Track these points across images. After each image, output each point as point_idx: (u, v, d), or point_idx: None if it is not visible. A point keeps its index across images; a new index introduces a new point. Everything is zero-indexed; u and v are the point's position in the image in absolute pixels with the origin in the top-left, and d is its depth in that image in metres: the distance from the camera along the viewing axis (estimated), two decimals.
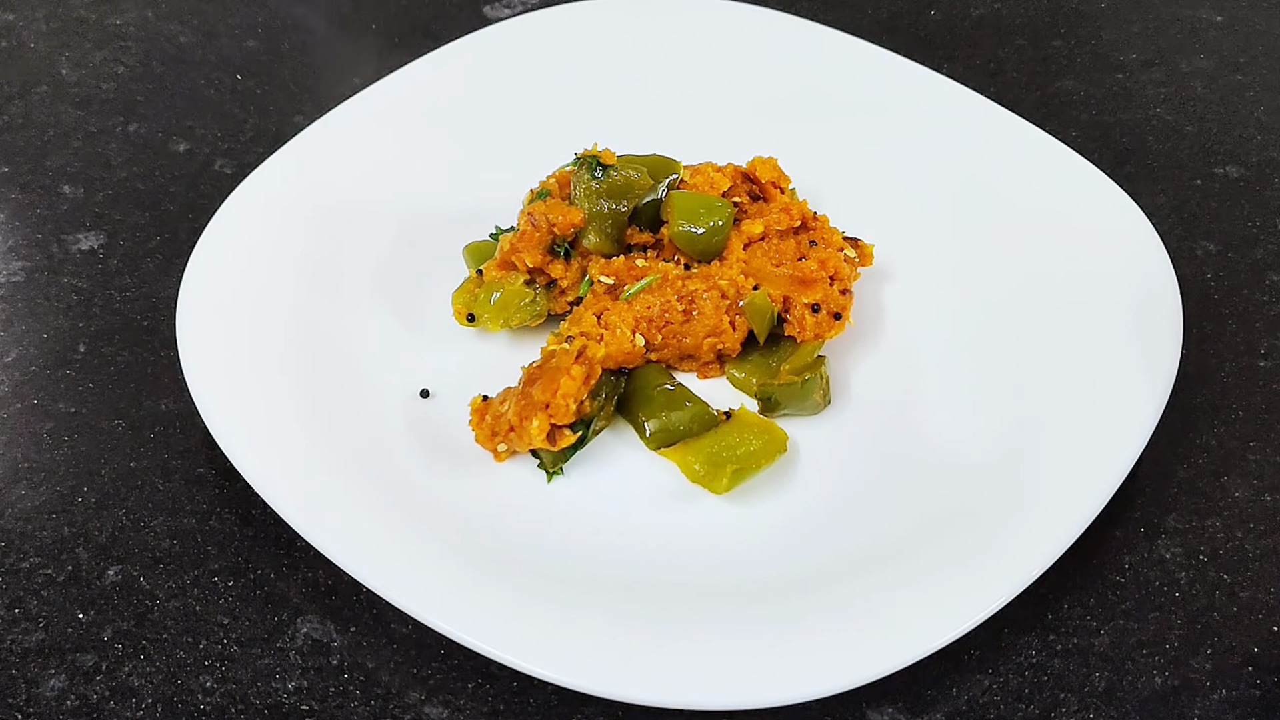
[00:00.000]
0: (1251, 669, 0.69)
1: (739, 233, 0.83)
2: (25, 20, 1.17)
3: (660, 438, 0.77)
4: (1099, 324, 0.80)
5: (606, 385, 0.78)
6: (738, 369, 0.82)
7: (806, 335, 0.80)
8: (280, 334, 0.81)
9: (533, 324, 0.84)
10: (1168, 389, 0.75)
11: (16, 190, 0.99)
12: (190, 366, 0.77)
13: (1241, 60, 1.12)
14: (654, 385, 0.79)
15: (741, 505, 0.74)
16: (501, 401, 0.77)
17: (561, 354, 0.75)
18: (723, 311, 0.80)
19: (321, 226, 0.89)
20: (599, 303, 0.81)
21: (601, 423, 0.77)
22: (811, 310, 0.80)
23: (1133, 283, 0.82)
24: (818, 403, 0.78)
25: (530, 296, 0.83)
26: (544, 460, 0.76)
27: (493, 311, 0.82)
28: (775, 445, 0.75)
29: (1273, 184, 0.99)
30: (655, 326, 0.80)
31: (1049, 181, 0.91)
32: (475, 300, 0.83)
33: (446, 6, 1.19)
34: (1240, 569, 0.73)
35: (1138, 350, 0.78)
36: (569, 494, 0.75)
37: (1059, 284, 0.84)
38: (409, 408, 0.79)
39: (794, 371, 0.79)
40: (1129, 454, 0.72)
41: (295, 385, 0.78)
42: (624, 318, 0.79)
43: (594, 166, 0.83)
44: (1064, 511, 0.70)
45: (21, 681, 0.68)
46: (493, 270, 0.83)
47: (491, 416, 0.76)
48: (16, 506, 0.77)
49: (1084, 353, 0.79)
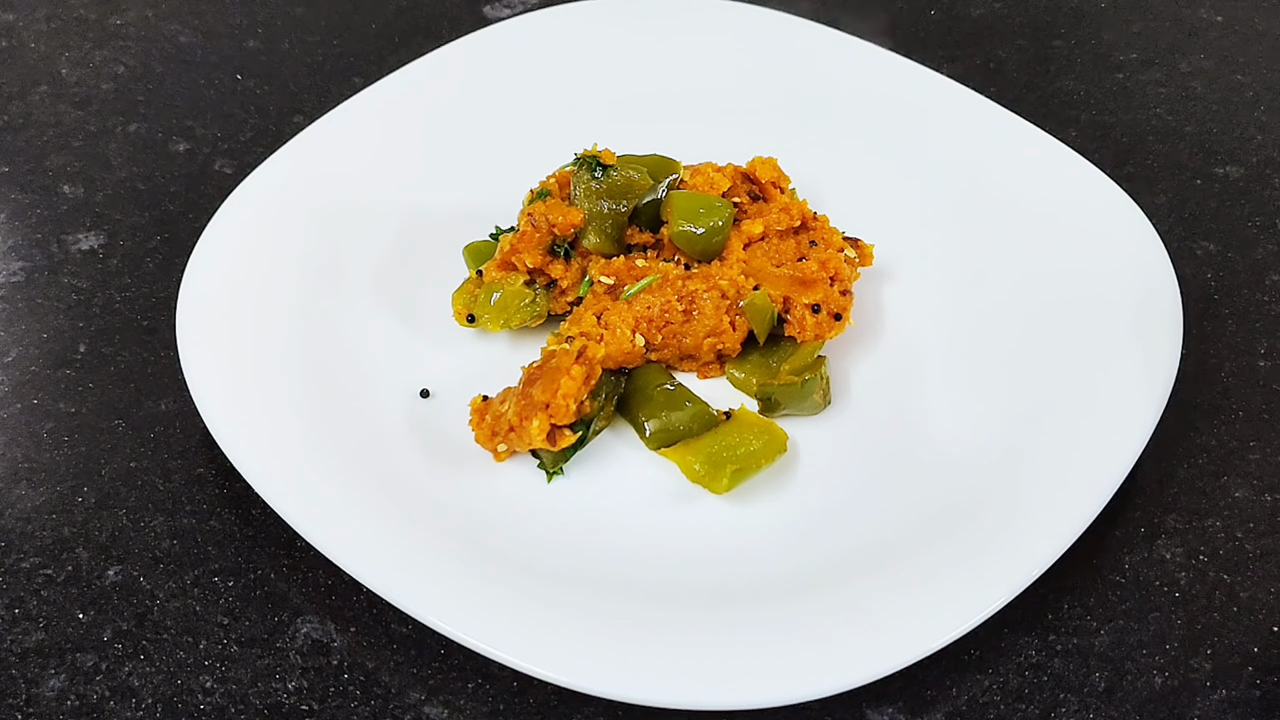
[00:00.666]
0: (1251, 669, 0.69)
1: (739, 233, 0.83)
2: (25, 20, 1.17)
3: (660, 438, 0.77)
4: (1099, 324, 0.80)
5: (606, 385, 0.78)
6: (738, 369, 0.81)
7: (807, 336, 0.80)
8: (280, 333, 0.81)
9: (533, 324, 0.84)
10: (1168, 389, 0.75)
11: (16, 190, 0.99)
12: (190, 366, 0.77)
13: (1241, 60, 1.12)
14: (654, 385, 0.79)
15: (741, 505, 0.74)
16: (501, 401, 0.77)
17: (561, 354, 0.75)
18: (723, 312, 0.80)
19: (322, 226, 0.89)
20: (599, 303, 0.81)
21: (601, 423, 0.77)
22: (812, 311, 0.80)
23: (1133, 283, 0.82)
24: (818, 403, 0.78)
25: (530, 297, 0.83)
26: (544, 460, 0.76)
27: (493, 312, 0.82)
28: (775, 445, 0.75)
29: (1273, 184, 0.99)
30: (655, 326, 0.80)
31: (1049, 182, 0.91)
32: (475, 301, 0.83)
33: (446, 6, 1.19)
34: (1240, 569, 0.73)
35: (1138, 350, 0.78)
36: (569, 494, 0.75)
37: (1059, 284, 0.84)
38: (409, 408, 0.79)
39: (794, 372, 0.79)
40: (1129, 454, 0.72)
41: (295, 385, 0.78)
42: (624, 318, 0.79)
43: (594, 167, 0.83)
44: (1064, 511, 0.70)
45: (21, 681, 0.68)
46: (493, 271, 0.83)
47: (491, 416, 0.76)
48: (16, 506, 0.77)
49: (1084, 353, 0.79)
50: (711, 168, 0.86)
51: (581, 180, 0.83)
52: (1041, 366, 0.79)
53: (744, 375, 0.81)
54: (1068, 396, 0.77)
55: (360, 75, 1.10)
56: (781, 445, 0.75)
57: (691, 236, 0.81)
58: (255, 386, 0.77)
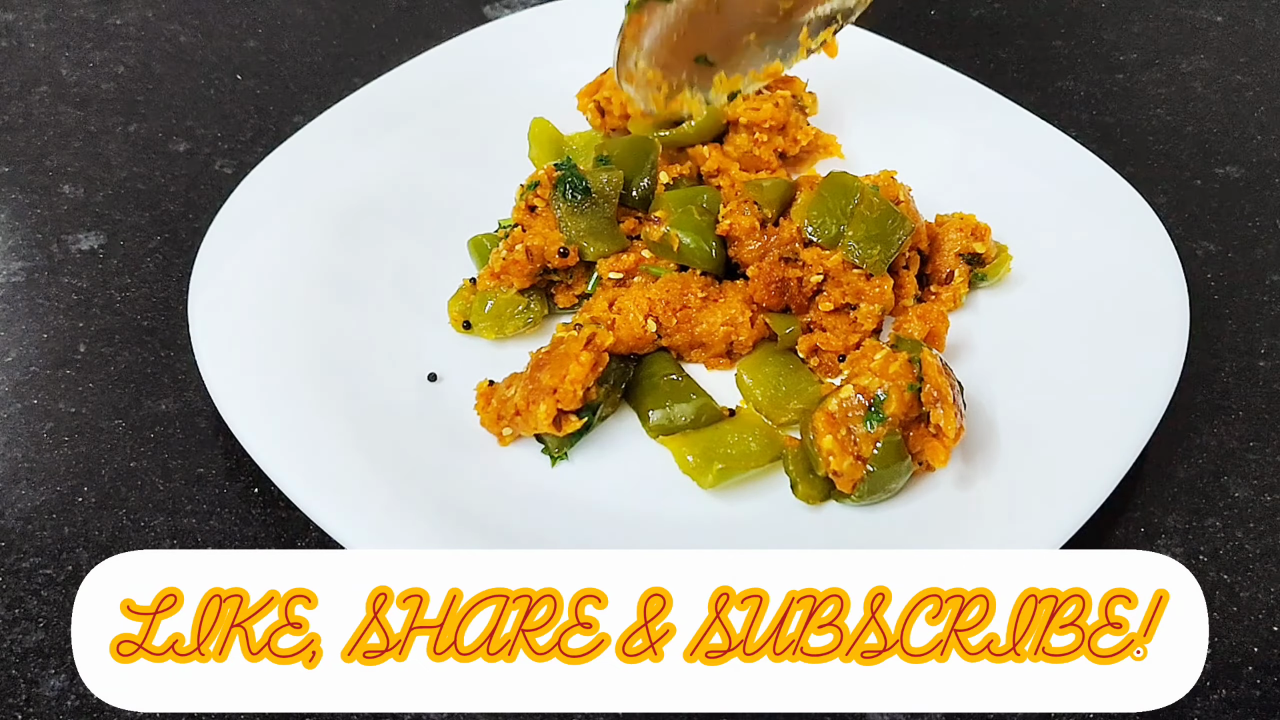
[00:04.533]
0: (1251, 669, 0.69)
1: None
2: (25, 20, 1.17)
3: (660, 428, 0.77)
4: (1102, 321, 0.80)
5: (615, 372, 0.77)
6: (748, 373, 0.80)
7: (833, 345, 0.80)
8: (290, 322, 0.81)
9: (528, 331, 0.84)
10: (1171, 388, 0.75)
11: (16, 190, 0.99)
12: (205, 360, 0.77)
13: (1241, 60, 1.12)
14: (661, 375, 0.79)
15: (730, 502, 0.74)
16: (508, 386, 0.77)
17: (570, 340, 0.75)
18: (745, 304, 0.80)
19: (328, 218, 0.89)
20: (609, 293, 0.81)
21: (608, 409, 0.77)
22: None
23: (1138, 280, 0.82)
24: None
25: (524, 304, 0.83)
26: (549, 445, 0.76)
27: (488, 320, 0.82)
28: (772, 451, 0.75)
29: (1273, 184, 0.99)
30: (672, 309, 0.79)
31: (1055, 177, 0.91)
32: (470, 309, 0.83)
33: (446, 6, 1.19)
34: (1240, 569, 0.73)
35: (1141, 348, 0.78)
36: (573, 478, 0.75)
37: (1062, 283, 0.84)
38: (417, 391, 0.79)
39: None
40: (1129, 453, 0.72)
41: (305, 370, 0.78)
42: (638, 302, 0.79)
43: (566, 190, 0.83)
44: (1063, 510, 0.70)
45: (21, 681, 0.68)
46: (485, 279, 0.83)
47: (497, 401, 0.76)
48: (16, 506, 0.77)
49: (1086, 350, 0.79)
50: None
51: (559, 206, 0.83)
52: (1043, 364, 0.79)
53: (753, 383, 0.80)
54: (1069, 394, 0.76)
55: (360, 75, 1.10)
56: (779, 452, 0.75)
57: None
58: (266, 374, 0.77)
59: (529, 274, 0.82)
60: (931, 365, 0.71)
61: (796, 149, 0.93)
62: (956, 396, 0.72)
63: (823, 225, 0.80)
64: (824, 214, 0.80)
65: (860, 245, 0.79)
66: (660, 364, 0.80)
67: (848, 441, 0.70)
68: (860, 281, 0.79)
